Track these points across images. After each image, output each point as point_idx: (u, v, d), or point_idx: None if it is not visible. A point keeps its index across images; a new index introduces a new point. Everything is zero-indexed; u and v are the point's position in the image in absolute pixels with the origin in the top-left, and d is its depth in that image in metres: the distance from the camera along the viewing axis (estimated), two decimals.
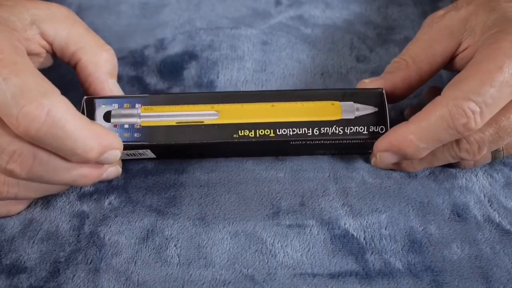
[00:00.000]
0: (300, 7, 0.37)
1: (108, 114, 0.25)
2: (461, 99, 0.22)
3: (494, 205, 0.27)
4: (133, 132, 0.25)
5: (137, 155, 0.26)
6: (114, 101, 0.25)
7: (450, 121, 0.23)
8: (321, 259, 0.24)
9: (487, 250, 0.25)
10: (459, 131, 0.23)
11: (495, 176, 0.28)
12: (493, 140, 0.24)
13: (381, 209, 0.26)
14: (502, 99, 0.23)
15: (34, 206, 0.26)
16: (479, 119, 0.22)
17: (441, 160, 0.26)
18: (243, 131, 0.25)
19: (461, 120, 0.22)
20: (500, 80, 0.22)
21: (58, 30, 0.25)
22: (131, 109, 0.25)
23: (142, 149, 0.26)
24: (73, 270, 0.23)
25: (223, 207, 0.26)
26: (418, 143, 0.24)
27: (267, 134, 0.25)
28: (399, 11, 0.38)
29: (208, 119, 0.25)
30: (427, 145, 0.24)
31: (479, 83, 0.22)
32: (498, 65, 0.22)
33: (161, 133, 0.25)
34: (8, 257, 0.24)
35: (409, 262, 0.24)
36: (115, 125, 0.25)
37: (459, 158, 0.25)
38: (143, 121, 0.25)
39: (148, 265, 0.24)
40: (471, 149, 0.24)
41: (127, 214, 0.26)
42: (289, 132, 0.25)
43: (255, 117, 0.25)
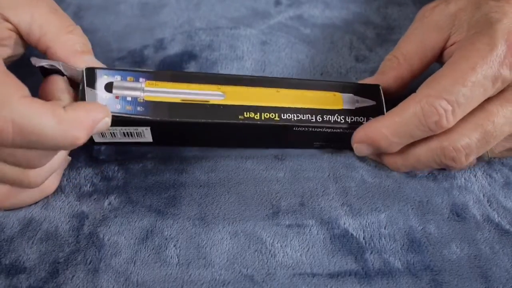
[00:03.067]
0: (299, 7, 0.38)
1: (110, 85, 0.24)
2: (433, 97, 0.23)
3: (493, 205, 0.27)
4: (135, 105, 0.24)
5: (134, 135, 0.25)
6: (117, 73, 0.24)
7: (422, 118, 0.23)
8: (320, 258, 0.24)
9: (486, 249, 0.25)
10: (431, 128, 0.23)
11: (494, 176, 0.28)
12: (480, 145, 0.24)
13: (380, 209, 0.26)
14: (474, 99, 0.23)
15: (33, 206, 0.26)
16: (451, 117, 0.23)
17: (424, 165, 0.26)
18: (248, 113, 0.25)
19: (432, 118, 0.23)
20: (473, 80, 0.23)
21: (21, 14, 0.24)
22: (134, 83, 0.24)
23: (142, 127, 0.24)
24: (72, 270, 0.23)
25: (223, 207, 0.26)
26: (390, 137, 0.24)
27: (272, 117, 0.25)
28: (398, 11, 0.38)
29: (214, 99, 0.25)
30: (399, 139, 0.24)
31: (452, 82, 0.23)
32: (471, 66, 0.23)
33: (164, 109, 0.24)
34: (7, 257, 0.24)
35: (409, 262, 0.24)
36: (117, 96, 0.24)
37: (444, 166, 0.26)
38: (146, 96, 0.24)
39: (148, 265, 0.24)
40: (458, 157, 0.24)
41: (127, 215, 0.26)
42: (293, 117, 0.25)
43: (260, 101, 0.25)
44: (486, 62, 0.23)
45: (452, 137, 0.24)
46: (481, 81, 0.23)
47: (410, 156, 0.26)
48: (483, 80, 0.23)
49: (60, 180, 0.26)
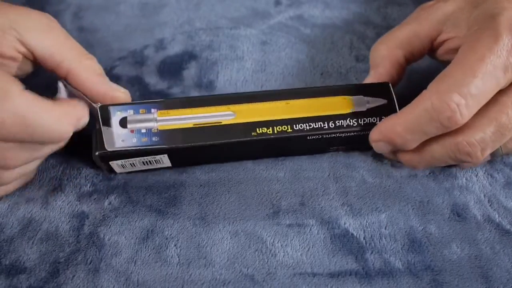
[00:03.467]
0: (299, 7, 0.38)
1: (124, 120, 0.25)
2: (444, 92, 0.23)
3: (494, 205, 0.27)
4: (151, 136, 0.25)
5: (153, 163, 0.26)
6: (129, 107, 0.25)
7: (433, 114, 0.23)
8: (321, 258, 0.24)
9: (487, 250, 0.25)
10: (444, 124, 0.23)
11: (495, 176, 0.28)
12: (495, 139, 0.24)
13: (381, 209, 0.26)
14: (487, 90, 0.23)
15: (33, 206, 0.26)
16: (465, 111, 0.23)
17: (440, 161, 0.26)
18: (261, 128, 0.25)
19: (445, 113, 0.23)
20: (483, 71, 0.22)
21: (40, 39, 0.25)
22: (147, 114, 0.25)
23: (159, 155, 0.25)
24: (73, 270, 0.23)
25: (223, 207, 0.26)
26: (404, 134, 0.24)
27: (285, 130, 0.25)
28: (398, 10, 0.38)
29: (225, 119, 0.25)
30: (413, 136, 0.24)
31: (462, 76, 0.23)
32: (479, 57, 0.23)
33: (179, 136, 0.25)
34: (7, 258, 0.24)
35: (409, 262, 0.24)
36: (132, 131, 0.25)
37: (460, 161, 0.25)
38: (160, 125, 0.25)
39: (148, 265, 0.24)
40: (473, 152, 0.24)
41: (127, 214, 0.26)
42: (305, 127, 0.26)
43: (271, 115, 0.26)
44: (493, 52, 0.22)
45: (467, 132, 0.24)
46: (491, 71, 0.22)
47: (425, 153, 0.26)
48: (494, 70, 0.22)
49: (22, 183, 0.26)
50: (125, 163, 0.26)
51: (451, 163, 0.26)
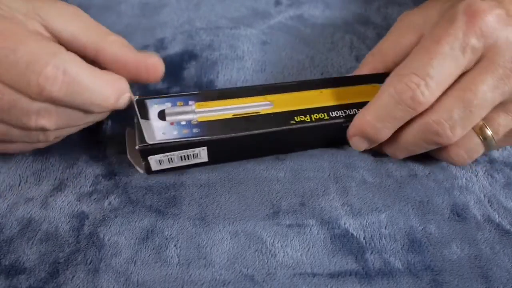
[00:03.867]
0: (299, 7, 0.37)
1: (162, 112, 0.25)
2: (403, 74, 0.24)
3: (494, 205, 0.27)
4: (191, 128, 0.24)
5: (190, 157, 0.26)
6: (166, 100, 0.25)
7: (396, 96, 0.24)
8: (321, 258, 0.24)
9: (487, 250, 0.25)
10: (408, 105, 0.23)
11: (495, 176, 0.28)
12: (463, 116, 0.24)
13: (381, 209, 0.26)
14: (446, 70, 0.23)
15: (33, 206, 0.26)
16: (426, 90, 0.23)
17: (415, 145, 0.26)
18: (299, 116, 0.26)
19: (406, 94, 0.23)
20: (439, 52, 0.23)
21: (64, 24, 0.25)
22: (185, 107, 0.25)
23: (199, 147, 0.25)
24: (73, 270, 0.23)
25: (223, 207, 0.26)
26: (374, 123, 0.25)
27: (322, 117, 0.26)
28: (398, 11, 0.38)
29: (263, 109, 0.26)
30: (383, 124, 0.25)
31: (420, 58, 0.24)
32: (435, 40, 0.23)
33: (219, 127, 0.25)
34: (7, 258, 0.24)
35: (409, 262, 0.24)
36: (172, 123, 0.24)
37: (434, 143, 0.25)
38: (199, 117, 0.25)
39: (148, 265, 0.24)
40: (442, 130, 0.24)
41: (127, 215, 0.26)
42: (341, 114, 0.26)
43: (307, 103, 0.26)
44: (449, 33, 0.23)
45: (433, 112, 0.24)
46: (448, 51, 0.23)
47: (400, 140, 0.26)
48: (451, 50, 0.23)
49: None
50: (164, 158, 0.25)
51: (426, 147, 0.26)
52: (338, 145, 0.29)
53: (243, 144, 0.26)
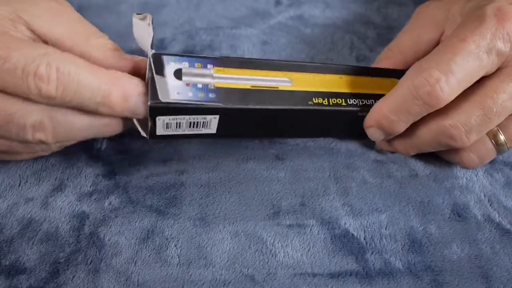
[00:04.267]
0: (300, 7, 0.37)
1: (179, 71, 0.23)
2: (424, 69, 0.23)
3: (494, 205, 0.27)
4: (207, 92, 0.23)
5: (199, 126, 0.24)
6: (184, 59, 0.23)
7: (413, 90, 0.23)
8: (321, 258, 0.24)
9: (487, 249, 0.25)
10: (425, 100, 0.23)
11: (495, 175, 0.28)
12: (481, 123, 0.23)
13: (381, 209, 0.26)
14: (469, 70, 0.23)
15: (33, 206, 0.26)
16: (446, 86, 0.22)
17: (428, 145, 0.26)
18: (317, 98, 0.25)
19: (424, 88, 0.23)
20: (464, 49, 0.23)
21: (48, 26, 0.24)
22: (203, 69, 0.23)
23: (211, 115, 0.23)
24: (73, 270, 0.23)
25: (224, 207, 0.26)
26: (390, 115, 0.24)
27: (339, 103, 0.25)
28: (399, 11, 0.38)
29: (282, 85, 0.25)
30: (398, 117, 0.24)
31: (443, 54, 0.23)
32: (461, 38, 0.23)
33: (236, 96, 0.23)
34: (7, 258, 0.24)
35: (409, 262, 0.24)
36: (188, 84, 0.23)
37: (447, 146, 0.25)
38: (216, 82, 0.23)
39: (148, 265, 0.24)
40: (457, 135, 0.24)
41: (127, 215, 0.26)
42: (358, 103, 0.25)
43: (326, 87, 0.25)
44: (476, 33, 0.23)
45: (450, 115, 0.24)
46: (474, 50, 0.23)
47: (414, 137, 0.26)
48: (476, 50, 0.23)
49: None
50: (173, 121, 0.23)
51: (439, 148, 0.26)
52: (349, 136, 0.29)
53: (256, 119, 0.25)
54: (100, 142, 0.29)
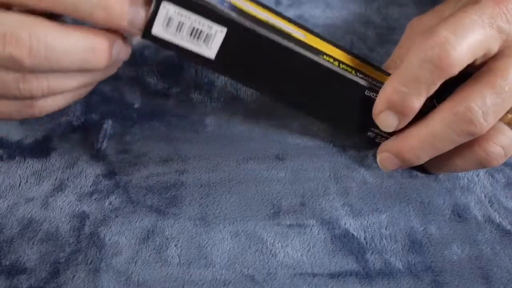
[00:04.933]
0: (300, 7, 0.37)
1: None
2: (431, 32, 0.22)
3: (494, 206, 0.27)
4: (222, 2, 0.21)
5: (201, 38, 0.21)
6: None
7: (421, 53, 0.22)
8: (321, 259, 0.24)
9: (488, 250, 0.25)
10: (435, 62, 0.22)
11: (496, 176, 0.28)
12: (495, 102, 0.23)
13: (381, 209, 0.26)
14: (475, 34, 0.22)
15: (33, 206, 0.26)
16: (456, 45, 0.22)
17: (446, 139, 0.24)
18: (328, 57, 0.24)
19: (433, 50, 0.22)
20: (467, 17, 0.22)
21: None
22: None
23: (218, 25, 0.21)
24: (73, 270, 0.23)
25: (224, 207, 0.26)
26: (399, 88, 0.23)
27: (349, 71, 0.24)
28: (399, 11, 0.38)
29: (296, 34, 0.24)
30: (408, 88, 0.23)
31: (447, 21, 0.22)
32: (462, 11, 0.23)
33: (249, 19, 0.22)
34: (7, 258, 0.24)
35: (410, 262, 0.24)
36: None
37: (465, 133, 0.23)
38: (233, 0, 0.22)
39: (148, 265, 0.24)
40: (475, 117, 0.23)
41: (128, 214, 0.26)
42: (368, 79, 0.25)
43: (337, 55, 0.25)
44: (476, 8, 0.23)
45: (464, 100, 0.23)
46: (477, 19, 0.22)
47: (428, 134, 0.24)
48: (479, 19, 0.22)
49: None
50: (176, 17, 0.21)
51: (458, 139, 0.24)
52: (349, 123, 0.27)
53: (262, 56, 0.23)
54: (101, 142, 0.29)
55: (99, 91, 0.31)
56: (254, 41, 0.22)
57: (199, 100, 0.31)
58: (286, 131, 0.30)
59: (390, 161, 0.26)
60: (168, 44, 0.22)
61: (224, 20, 0.21)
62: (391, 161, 0.26)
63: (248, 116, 0.30)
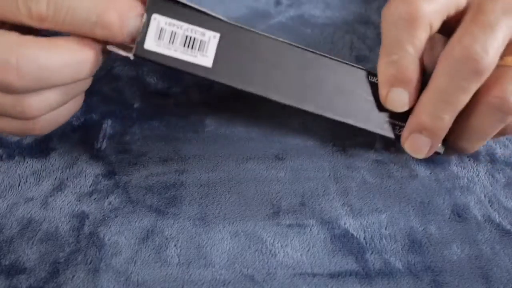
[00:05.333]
0: (300, 7, 0.37)
1: None
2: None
3: (494, 205, 0.27)
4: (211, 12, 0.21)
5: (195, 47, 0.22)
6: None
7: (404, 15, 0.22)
8: (321, 258, 0.24)
9: (487, 250, 0.25)
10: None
11: (496, 176, 0.28)
12: (489, 37, 0.22)
13: (381, 209, 0.26)
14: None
15: (33, 206, 0.26)
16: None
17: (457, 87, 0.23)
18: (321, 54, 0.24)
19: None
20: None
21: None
22: None
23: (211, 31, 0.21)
24: (73, 270, 0.23)
25: (223, 207, 0.26)
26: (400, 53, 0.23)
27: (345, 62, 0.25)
28: None
29: None
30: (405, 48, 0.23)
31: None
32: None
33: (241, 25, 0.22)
34: (7, 258, 0.24)
35: (409, 262, 0.24)
36: None
37: (471, 72, 0.22)
38: None
39: (148, 265, 0.24)
40: (474, 54, 0.22)
41: (127, 214, 0.26)
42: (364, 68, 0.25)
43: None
44: None
45: (458, 43, 0.22)
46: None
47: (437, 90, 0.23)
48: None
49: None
50: (168, 28, 0.21)
51: (466, 86, 0.23)
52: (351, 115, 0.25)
53: (260, 57, 0.22)
54: (100, 142, 0.29)
55: (99, 91, 0.31)
56: (248, 42, 0.22)
57: (199, 100, 0.31)
58: (286, 131, 0.30)
59: (418, 141, 0.25)
60: (163, 58, 0.22)
61: (216, 25, 0.21)
62: (419, 140, 0.25)
63: (248, 116, 0.30)
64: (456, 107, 0.23)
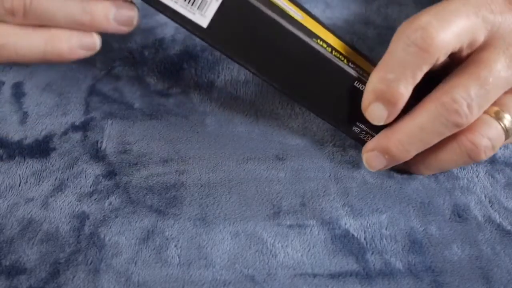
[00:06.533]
0: None
1: None
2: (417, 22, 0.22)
3: (494, 206, 0.27)
4: None
5: (196, 2, 0.22)
6: None
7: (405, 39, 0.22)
8: (321, 259, 0.24)
9: (488, 250, 0.25)
10: (418, 44, 0.22)
11: (496, 176, 0.28)
12: (480, 94, 0.23)
13: (381, 209, 0.26)
14: (460, 22, 0.22)
15: (33, 206, 0.26)
16: (439, 30, 0.22)
17: (432, 131, 0.24)
18: (322, 41, 0.24)
19: (416, 34, 0.22)
20: (452, 3, 0.23)
21: None
22: None
23: None
24: (73, 271, 0.23)
25: (224, 207, 0.26)
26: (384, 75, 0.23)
27: (341, 59, 0.24)
28: (399, 11, 0.38)
29: (294, 14, 0.23)
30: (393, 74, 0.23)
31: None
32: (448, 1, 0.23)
33: None
34: (7, 258, 0.24)
35: (410, 263, 0.24)
36: None
37: (451, 124, 0.23)
38: None
39: (148, 265, 0.24)
40: (460, 108, 0.23)
41: (128, 215, 0.26)
42: (358, 71, 0.24)
43: (331, 41, 0.25)
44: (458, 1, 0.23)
45: (449, 90, 0.23)
46: (460, 7, 0.22)
47: (415, 129, 0.24)
48: (464, 8, 0.23)
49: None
50: None
51: (444, 131, 0.24)
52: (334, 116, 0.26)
53: (255, 31, 0.22)
54: (100, 142, 0.29)
55: (99, 91, 0.31)
56: (248, 14, 0.22)
57: (199, 100, 0.31)
58: (286, 131, 0.30)
59: (377, 159, 0.25)
60: (164, 7, 0.22)
61: None
62: (378, 159, 0.25)
63: (248, 116, 0.30)
64: (426, 146, 0.24)
